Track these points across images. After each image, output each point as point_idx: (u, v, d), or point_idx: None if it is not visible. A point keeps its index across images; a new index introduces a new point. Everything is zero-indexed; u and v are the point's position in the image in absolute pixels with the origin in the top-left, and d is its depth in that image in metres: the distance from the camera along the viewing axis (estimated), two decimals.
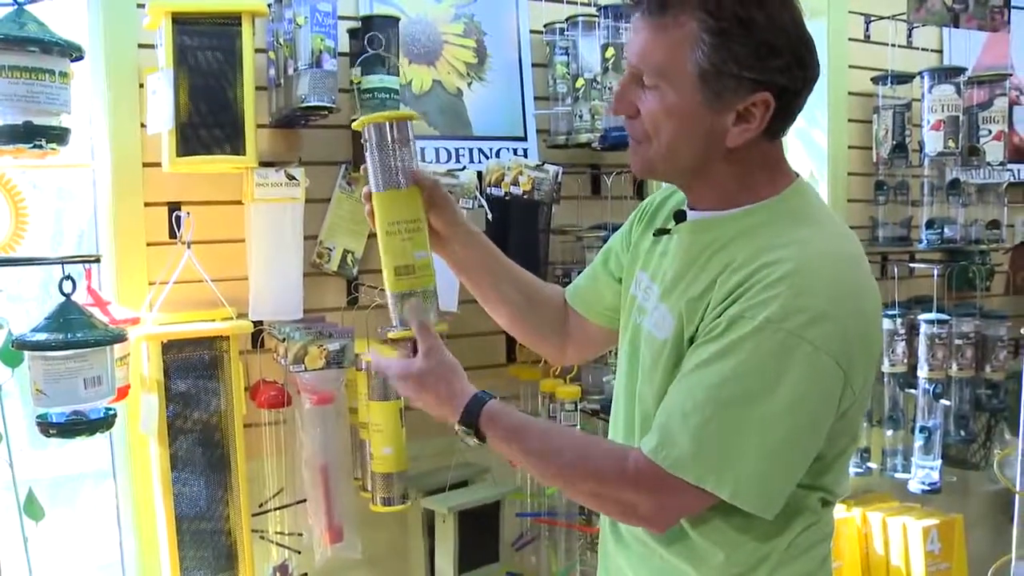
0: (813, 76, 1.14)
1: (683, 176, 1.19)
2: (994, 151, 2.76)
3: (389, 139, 1.27)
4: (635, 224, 1.39)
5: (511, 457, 1.24)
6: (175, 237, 1.88)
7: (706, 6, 1.07)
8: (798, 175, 1.21)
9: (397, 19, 1.97)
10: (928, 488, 2.64)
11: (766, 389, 1.03)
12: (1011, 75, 2.91)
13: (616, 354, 1.39)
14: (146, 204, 1.88)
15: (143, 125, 1.84)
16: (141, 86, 1.84)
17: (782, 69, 1.09)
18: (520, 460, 1.22)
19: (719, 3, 1.06)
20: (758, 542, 1.15)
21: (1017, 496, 2.02)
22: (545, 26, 2.28)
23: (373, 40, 1.87)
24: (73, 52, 1.53)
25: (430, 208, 1.34)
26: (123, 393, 1.67)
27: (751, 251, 1.09)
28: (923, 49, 2.89)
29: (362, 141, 1.30)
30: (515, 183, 2.05)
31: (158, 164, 1.84)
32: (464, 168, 2.05)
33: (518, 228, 2.04)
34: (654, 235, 1.29)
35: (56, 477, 2.05)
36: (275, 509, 1.92)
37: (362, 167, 1.31)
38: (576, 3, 2.28)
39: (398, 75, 1.96)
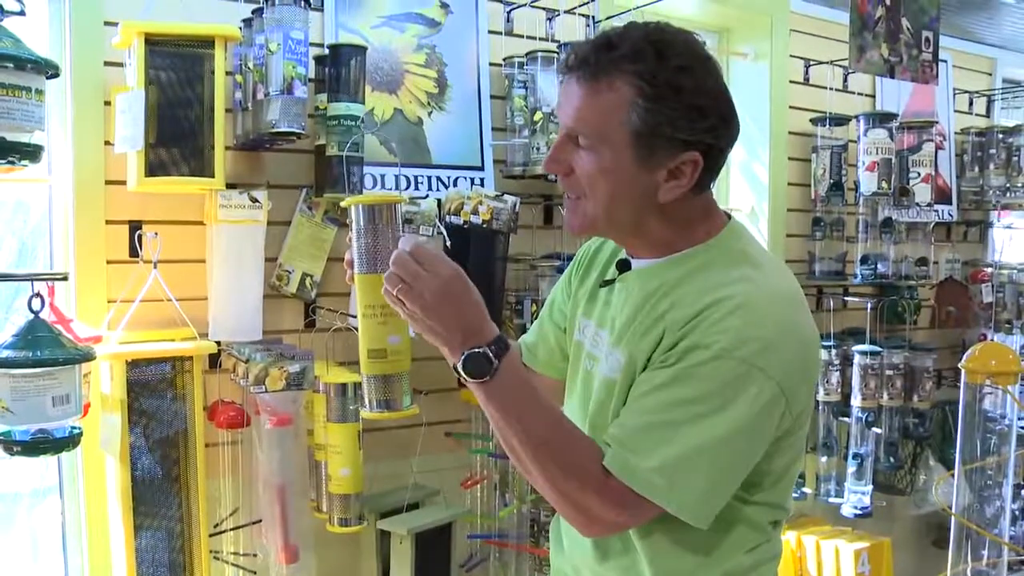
0: (735, 134, 1.22)
1: (621, 231, 1.25)
2: (922, 192, 2.93)
3: (374, 222, 1.24)
4: (573, 274, 1.45)
5: (497, 417, 1.16)
6: (136, 255, 1.88)
7: (640, 72, 1.12)
8: (730, 216, 1.28)
9: (364, 48, 2.01)
10: (860, 512, 2.76)
11: (718, 412, 1.10)
12: (937, 122, 3.09)
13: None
14: (107, 222, 1.88)
15: (107, 143, 1.85)
16: (106, 104, 1.85)
17: (709, 130, 1.16)
18: (509, 427, 1.15)
19: (652, 70, 1.13)
20: (714, 564, 1.21)
21: (953, 518, 2.13)
22: (504, 59, 2.35)
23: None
24: (49, 70, 1.53)
25: None
26: (84, 411, 1.66)
27: (698, 290, 1.17)
28: (858, 93, 3.05)
29: (347, 221, 1.27)
30: (475, 212, 2.10)
31: (120, 182, 1.85)
32: (426, 196, 2.09)
33: (477, 256, 2.09)
34: (600, 286, 1.34)
35: None
36: (231, 529, 1.92)
37: (348, 237, 1.28)
38: (535, 38, 2.36)
39: (364, 103, 2.00)
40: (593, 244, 1.43)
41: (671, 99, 1.12)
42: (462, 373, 1.14)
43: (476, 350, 1.14)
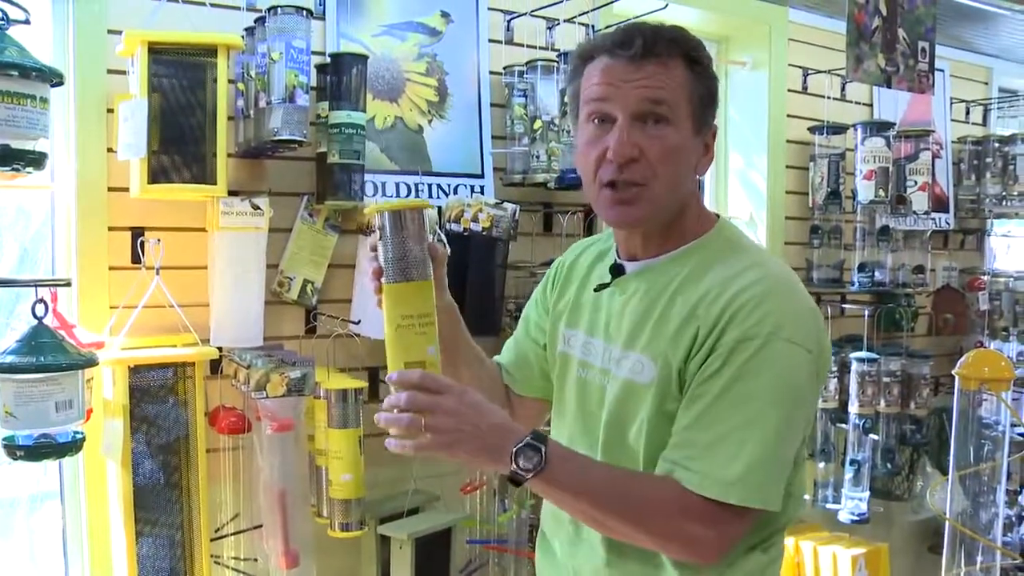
0: None
1: (668, 215, 1.25)
2: (919, 201, 2.94)
3: (403, 229, 1.18)
4: (549, 289, 1.46)
5: (568, 499, 1.16)
6: (138, 262, 1.89)
7: (689, 48, 1.22)
8: (718, 215, 1.33)
9: (365, 57, 2.03)
10: (857, 518, 2.77)
11: (779, 397, 1.14)
12: (934, 131, 3.11)
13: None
14: (109, 228, 1.90)
15: (110, 150, 1.86)
16: (109, 111, 1.86)
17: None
18: (584, 501, 1.15)
19: (695, 46, 1.22)
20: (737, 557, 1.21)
21: (947, 523, 2.14)
22: (504, 68, 2.36)
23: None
24: (53, 78, 1.55)
25: None
26: (86, 416, 1.67)
27: (718, 281, 1.19)
28: (856, 102, 3.08)
29: (375, 228, 1.21)
30: (475, 220, 2.12)
31: (122, 189, 1.86)
32: None
33: (477, 264, 2.11)
34: (595, 290, 1.34)
35: None
36: (232, 534, 1.93)
37: (370, 242, 1.23)
38: (535, 47, 2.38)
39: (365, 111, 2.01)
40: (567, 258, 1.45)
41: (711, 67, 1.25)
42: (520, 470, 1.11)
43: (521, 443, 1.11)
